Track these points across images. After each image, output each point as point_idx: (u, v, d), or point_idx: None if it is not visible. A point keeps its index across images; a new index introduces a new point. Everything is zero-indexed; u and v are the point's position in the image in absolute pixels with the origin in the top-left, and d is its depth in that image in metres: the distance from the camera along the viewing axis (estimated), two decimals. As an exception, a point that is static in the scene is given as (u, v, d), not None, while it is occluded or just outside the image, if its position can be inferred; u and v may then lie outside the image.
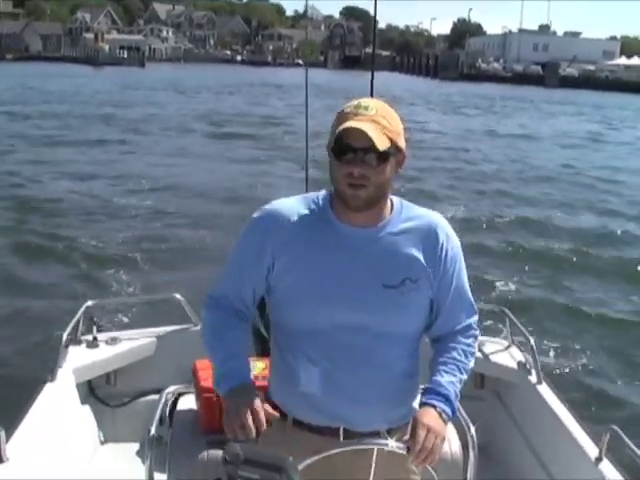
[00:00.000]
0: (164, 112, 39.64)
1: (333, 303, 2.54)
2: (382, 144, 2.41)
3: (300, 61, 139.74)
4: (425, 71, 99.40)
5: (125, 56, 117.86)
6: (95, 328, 4.87)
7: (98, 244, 13.22)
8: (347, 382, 2.58)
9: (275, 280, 2.61)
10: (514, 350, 4.98)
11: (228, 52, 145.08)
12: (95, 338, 4.84)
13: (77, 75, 74.91)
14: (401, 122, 2.55)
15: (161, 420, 3.72)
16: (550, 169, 25.54)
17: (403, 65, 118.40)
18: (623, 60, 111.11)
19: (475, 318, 2.79)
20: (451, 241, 2.67)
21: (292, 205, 2.65)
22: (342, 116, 2.49)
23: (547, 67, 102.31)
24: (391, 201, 2.65)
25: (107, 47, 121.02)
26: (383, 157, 2.45)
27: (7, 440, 3.49)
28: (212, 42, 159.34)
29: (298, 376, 2.62)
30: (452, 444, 3.67)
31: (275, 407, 2.66)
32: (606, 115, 53.46)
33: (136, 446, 4.80)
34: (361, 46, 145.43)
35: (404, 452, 2.45)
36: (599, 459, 3.71)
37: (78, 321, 4.72)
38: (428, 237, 2.62)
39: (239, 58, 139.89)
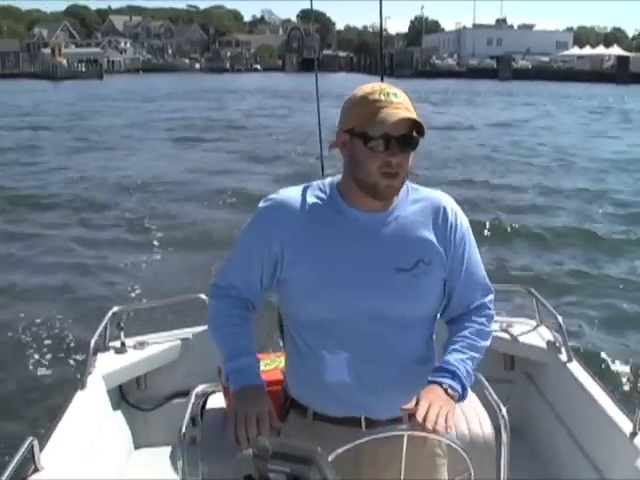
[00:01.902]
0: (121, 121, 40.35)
1: (347, 291, 2.51)
2: (423, 131, 2.42)
3: (258, 66, 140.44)
4: (383, 70, 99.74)
5: (83, 69, 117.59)
6: (122, 333, 4.88)
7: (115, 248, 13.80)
8: (366, 370, 2.56)
9: (286, 271, 2.57)
10: (543, 330, 4.97)
11: (187, 60, 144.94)
12: (123, 343, 4.87)
13: (35, 90, 74.92)
14: None
15: (192, 421, 3.69)
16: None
17: (360, 65, 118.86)
18: (576, 50, 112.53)
19: (490, 297, 2.74)
20: (460, 219, 2.64)
21: (299, 193, 2.61)
22: (374, 103, 2.43)
23: (500, 60, 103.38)
24: None
25: (65, 61, 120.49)
26: (416, 144, 2.45)
27: (41, 449, 3.48)
28: (170, 51, 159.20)
29: (317, 368, 2.59)
30: (484, 426, 3.66)
31: (293, 402, 2.71)
32: (543, 103, 55.27)
33: (168, 449, 4.71)
34: (318, 49, 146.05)
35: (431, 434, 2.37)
36: (634, 434, 3.68)
37: (105, 327, 4.73)
38: (437, 217, 2.60)
39: (197, 66, 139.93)
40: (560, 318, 4.62)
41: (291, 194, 2.61)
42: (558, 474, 4.38)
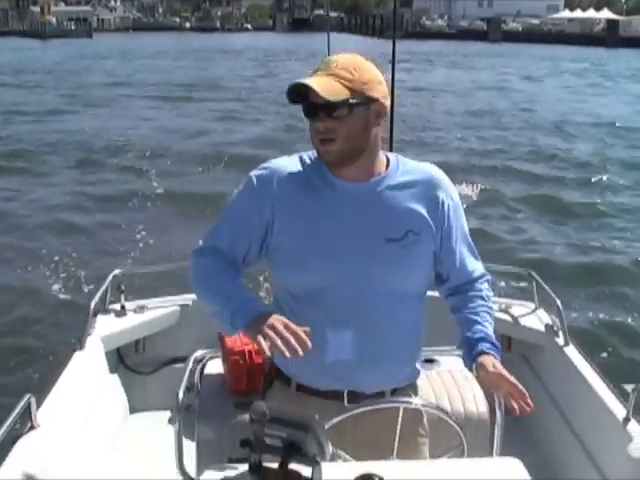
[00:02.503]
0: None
1: (336, 259, 2.51)
2: (335, 94, 2.39)
3: (249, 26, 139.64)
4: (372, 31, 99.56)
5: (73, 28, 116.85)
6: (123, 297, 4.90)
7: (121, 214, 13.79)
8: (354, 343, 2.55)
9: (276, 238, 2.57)
10: (541, 312, 4.98)
11: (177, 19, 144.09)
12: (123, 307, 4.89)
13: (23, 48, 74.61)
14: (379, 73, 2.54)
15: (189, 386, 3.69)
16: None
17: (351, 26, 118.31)
18: (567, 13, 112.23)
19: (481, 267, 2.80)
20: (450, 193, 2.66)
21: (290, 163, 2.63)
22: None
23: (490, 22, 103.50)
24: (387, 157, 2.64)
25: (54, 19, 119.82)
26: (347, 109, 2.42)
27: (37, 407, 3.45)
28: (161, 10, 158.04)
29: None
30: (479, 405, 3.71)
31: (279, 372, 2.72)
32: (527, 66, 55.63)
33: (165, 413, 4.74)
34: (310, 8, 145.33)
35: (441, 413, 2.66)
36: (627, 419, 3.68)
37: (106, 290, 4.75)
38: (427, 190, 2.61)
39: (188, 25, 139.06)
40: (559, 302, 4.63)
41: (282, 163, 2.63)
42: (550, 456, 4.39)
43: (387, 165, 2.62)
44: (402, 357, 2.63)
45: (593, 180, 17.44)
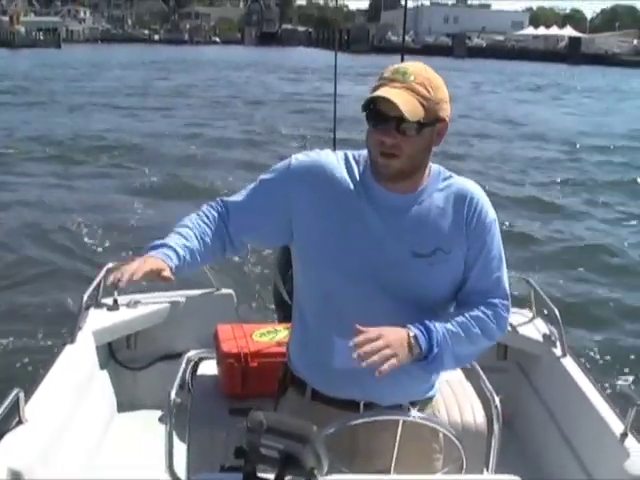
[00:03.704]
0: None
1: (358, 267, 2.46)
2: (414, 115, 2.31)
3: (217, 39, 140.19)
4: (339, 45, 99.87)
5: (42, 38, 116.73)
6: (116, 291, 4.77)
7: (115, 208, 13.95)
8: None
9: (305, 232, 2.52)
10: (539, 322, 4.88)
11: (146, 31, 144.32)
12: (116, 301, 4.80)
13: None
14: (446, 91, 2.45)
15: (182, 385, 3.64)
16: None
17: (319, 40, 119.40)
18: (531, 30, 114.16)
19: (505, 302, 2.61)
20: (486, 210, 2.55)
21: (335, 159, 2.56)
22: (380, 81, 2.39)
23: (455, 38, 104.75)
24: (429, 168, 2.54)
25: (23, 29, 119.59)
26: (418, 127, 2.34)
27: (26, 401, 3.40)
28: (130, 22, 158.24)
29: (324, 347, 2.54)
30: (476, 415, 3.60)
31: (294, 378, 2.67)
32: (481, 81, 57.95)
33: (156, 411, 4.73)
34: (278, 22, 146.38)
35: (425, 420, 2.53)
36: (624, 435, 3.60)
37: (99, 284, 4.63)
38: (462, 206, 2.52)
39: (157, 37, 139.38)
40: (557, 311, 4.55)
41: (327, 156, 2.56)
42: (545, 470, 4.32)
43: (428, 176, 2.54)
44: (420, 371, 2.49)
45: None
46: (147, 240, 2.55)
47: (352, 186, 2.49)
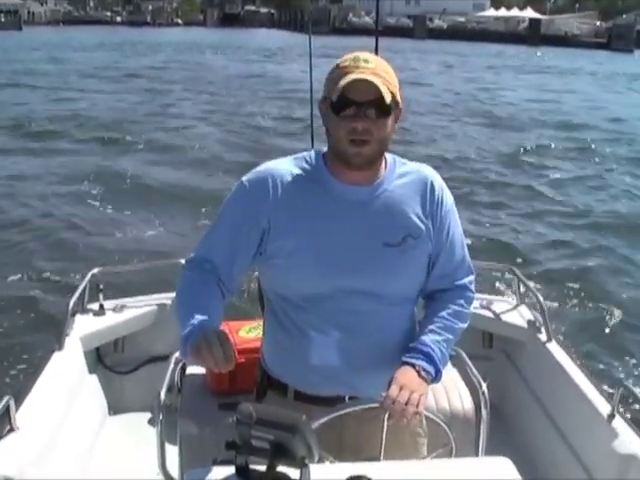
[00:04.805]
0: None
1: (334, 265, 2.47)
2: (388, 96, 2.34)
3: (179, 20, 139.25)
4: (300, 27, 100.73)
5: (2, 20, 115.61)
6: (102, 296, 4.81)
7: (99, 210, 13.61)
8: (354, 349, 2.51)
9: (272, 245, 2.50)
10: (523, 309, 4.93)
11: (108, 13, 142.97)
12: (102, 306, 4.81)
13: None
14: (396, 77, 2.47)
15: (171, 386, 3.61)
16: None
17: (281, 21, 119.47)
18: (492, 12, 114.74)
19: (471, 278, 2.70)
20: (446, 194, 2.60)
21: (285, 166, 2.55)
22: (342, 70, 2.39)
23: (416, 20, 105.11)
24: (385, 158, 2.56)
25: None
26: (385, 111, 2.37)
27: (17, 409, 3.42)
28: (92, 4, 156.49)
29: (303, 346, 2.55)
30: (464, 402, 3.66)
31: (270, 380, 2.68)
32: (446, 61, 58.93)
33: (146, 414, 4.76)
34: (241, 4, 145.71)
35: (376, 405, 2.42)
36: (611, 416, 3.64)
37: (84, 289, 4.64)
38: (424, 191, 2.55)
39: (119, 19, 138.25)
40: (541, 298, 4.66)
41: (276, 167, 2.55)
42: (533, 454, 4.33)
43: (385, 165, 2.57)
44: (399, 361, 2.51)
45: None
46: (134, 245, 2.70)
47: (312, 187, 2.51)
